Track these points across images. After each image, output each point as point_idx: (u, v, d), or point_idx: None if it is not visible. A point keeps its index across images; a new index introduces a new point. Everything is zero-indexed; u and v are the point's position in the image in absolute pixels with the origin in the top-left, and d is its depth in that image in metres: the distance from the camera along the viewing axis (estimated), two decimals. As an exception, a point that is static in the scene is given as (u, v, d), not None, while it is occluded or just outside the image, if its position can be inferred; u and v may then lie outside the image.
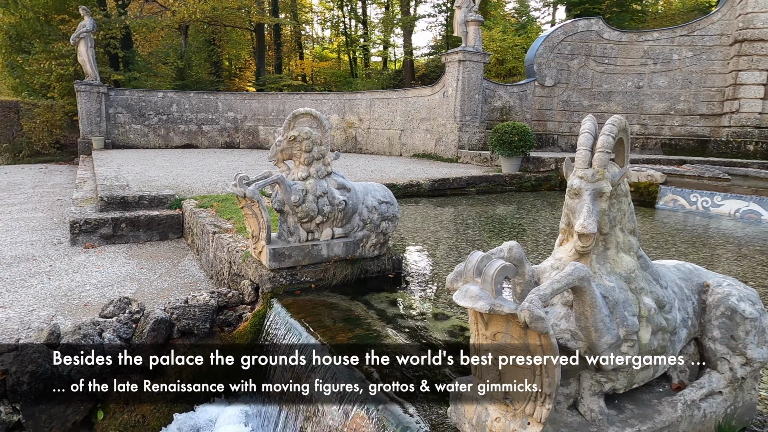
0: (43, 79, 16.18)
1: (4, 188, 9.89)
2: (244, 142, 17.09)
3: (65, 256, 5.36)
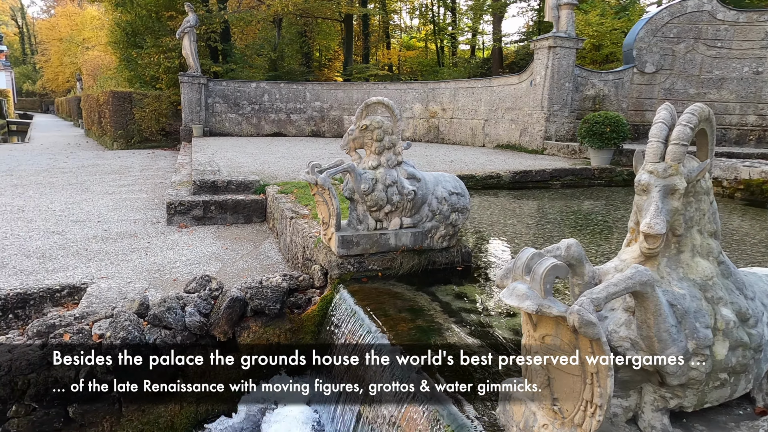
0: (152, 72, 17.68)
1: (117, 171, 10.98)
2: (329, 130, 17.58)
3: (161, 235, 5.86)
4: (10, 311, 3.91)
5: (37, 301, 4.00)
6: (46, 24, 58.39)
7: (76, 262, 4.85)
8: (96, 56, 36.13)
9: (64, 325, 3.14)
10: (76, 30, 46.58)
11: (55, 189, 8.65)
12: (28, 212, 6.81)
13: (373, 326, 2.88)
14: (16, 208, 7.01)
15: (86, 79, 36.41)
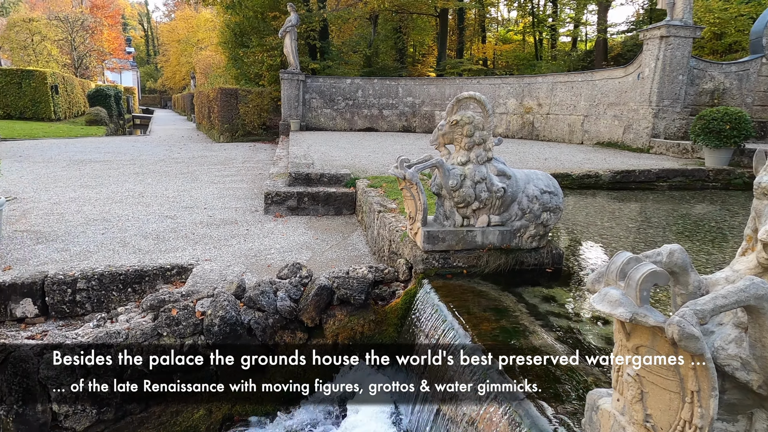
0: (256, 69, 18.81)
1: (222, 162, 11.83)
2: (420, 126, 17.62)
3: (259, 223, 6.23)
4: (129, 285, 4.38)
5: (151, 278, 4.44)
6: (166, 27, 64.23)
7: (184, 244, 5.31)
8: (208, 56, 39.12)
9: (172, 301, 3.46)
10: (192, 32, 50.73)
11: (170, 177, 9.52)
12: (147, 198, 7.57)
13: (455, 323, 2.86)
14: (137, 194, 7.82)
15: (199, 77, 39.62)
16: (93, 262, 4.67)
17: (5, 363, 3.12)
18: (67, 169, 10.49)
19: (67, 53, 39.86)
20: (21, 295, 4.21)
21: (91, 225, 5.95)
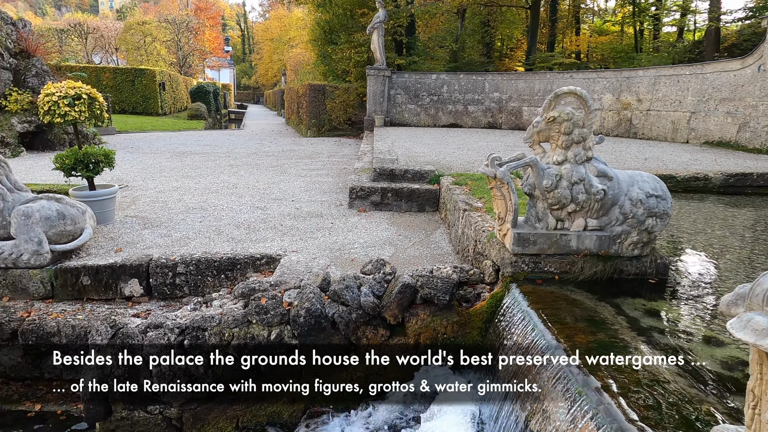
0: (344, 66, 19.20)
1: (309, 156, 12.20)
2: (506, 122, 17.08)
3: (343, 217, 6.33)
4: (222, 272, 4.62)
5: (242, 266, 4.64)
6: (261, 27, 67.55)
7: (273, 235, 5.51)
8: (298, 53, 40.62)
9: (261, 290, 3.58)
10: (284, 30, 52.91)
11: (260, 170, 9.96)
12: (240, 189, 7.96)
13: (547, 333, 2.69)
14: (231, 185, 8.26)
15: (289, 74, 41.29)
16: (191, 248, 4.97)
17: (115, 338, 3.39)
18: (171, 160, 11.32)
19: (174, 53, 43.19)
20: (129, 276, 4.58)
21: (191, 213, 6.36)
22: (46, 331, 4.12)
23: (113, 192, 5.85)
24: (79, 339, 4.08)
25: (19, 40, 12.37)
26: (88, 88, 5.45)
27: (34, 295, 4.53)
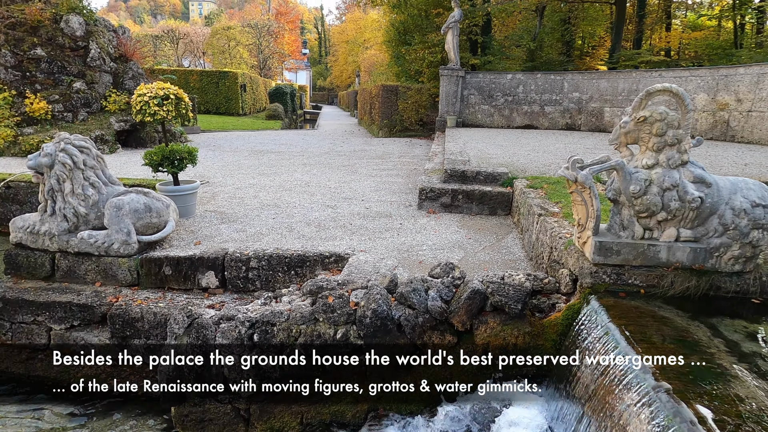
0: (417, 66, 19.15)
1: (380, 156, 12.26)
2: (585, 124, 16.26)
3: (412, 218, 6.26)
4: (292, 268, 4.70)
5: (311, 263, 4.70)
6: (337, 29, 69.13)
7: (342, 233, 5.55)
8: (372, 54, 41.14)
9: (329, 288, 3.59)
10: (359, 33, 53.79)
11: (332, 169, 10.13)
12: (312, 187, 8.13)
13: (631, 353, 2.47)
14: (303, 183, 8.45)
15: (363, 75, 41.92)
16: (264, 244, 5.11)
17: (190, 327, 3.53)
18: (249, 158, 11.81)
19: (255, 56, 45.24)
20: (206, 268, 4.78)
21: (265, 210, 6.56)
22: (131, 317, 4.39)
23: (195, 187, 6.15)
24: (159, 326, 4.31)
25: (119, 45, 13.42)
26: (175, 89, 5.77)
27: (122, 282, 4.85)
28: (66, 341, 4.55)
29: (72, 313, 4.53)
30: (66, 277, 4.93)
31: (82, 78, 12.44)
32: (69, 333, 4.55)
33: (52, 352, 4.60)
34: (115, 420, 3.89)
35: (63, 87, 12.05)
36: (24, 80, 11.64)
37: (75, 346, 4.54)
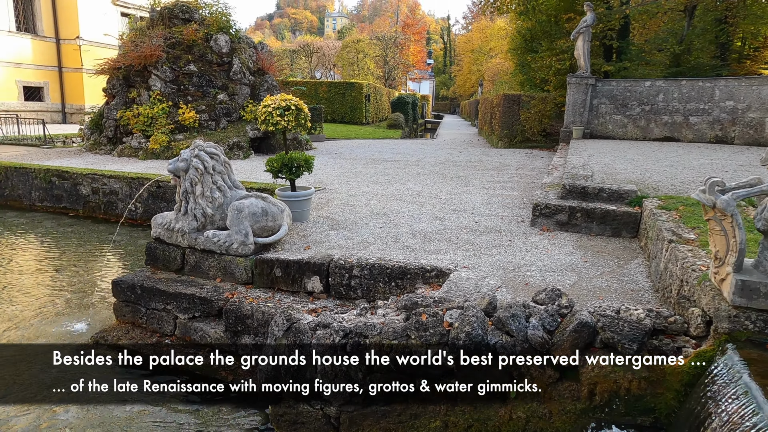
0: (543, 74, 18.28)
1: (496, 167, 11.88)
2: (740, 137, 14.20)
3: (523, 235, 5.92)
4: (393, 280, 4.68)
5: (412, 276, 4.64)
6: (463, 39, 68.96)
7: (447, 247, 5.41)
8: (497, 63, 40.30)
9: (424, 305, 3.49)
10: (485, 41, 53.07)
11: (445, 179, 10.02)
12: (422, 197, 8.10)
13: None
14: (414, 193, 8.45)
15: (486, 84, 41.24)
16: (368, 253, 5.17)
17: (289, 330, 3.66)
18: (366, 166, 12.16)
19: (381, 67, 46.83)
20: (312, 273, 4.95)
21: (374, 218, 6.66)
22: (243, 313, 4.69)
23: (309, 194, 6.44)
24: (265, 324, 4.55)
25: (258, 60, 14.69)
26: (296, 100, 6.11)
27: (238, 279, 5.22)
28: (188, 330, 5.01)
29: (194, 304, 4.96)
30: (193, 271, 5.44)
31: (225, 90, 13.80)
32: (191, 323, 4.99)
33: (176, 338, 5.09)
34: (221, 410, 4.16)
35: (209, 98, 13.48)
36: (178, 93, 13.23)
37: (194, 335, 4.98)
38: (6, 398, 4.18)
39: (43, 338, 5.22)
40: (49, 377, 4.52)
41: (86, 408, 4.10)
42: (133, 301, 5.27)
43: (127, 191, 10.13)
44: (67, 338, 5.25)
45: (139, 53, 12.73)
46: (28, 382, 4.44)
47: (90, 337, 5.22)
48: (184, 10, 14.05)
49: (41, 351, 4.96)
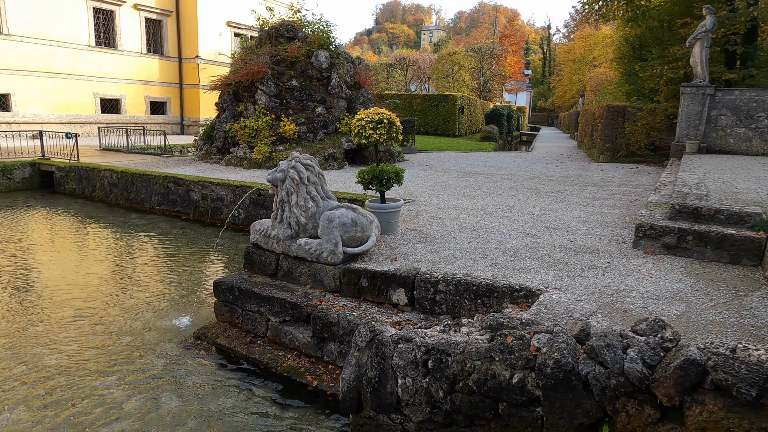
0: (652, 84, 16.97)
1: (596, 183, 11.20)
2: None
3: (623, 257, 5.50)
4: (479, 297, 4.56)
5: (499, 295, 4.49)
6: (564, 48, 66.32)
7: (538, 266, 5.17)
8: (600, 73, 38.20)
9: (510, 327, 3.35)
10: (588, 50, 50.59)
11: (539, 195, 9.63)
12: (514, 213, 7.84)
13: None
14: (506, 208, 8.21)
15: (588, 95, 39.21)
16: (454, 268, 5.09)
17: (371, 342, 3.69)
18: (457, 179, 12.05)
19: (476, 79, 46.36)
20: (397, 285, 4.97)
21: (462, 233, 6.55)
22: (329, 321, 4.82)
23: (398, 206, 6.50)
24: (350, 333, 4.63)
25: (354, 74, 15.20)
26: (389, 113, 6.21)
27: (327, 287, 5.38)
28: (278, 332, 5.24)
29: (285, 309, 5.19)
30: (285, 277, 5.70)
31: (323, 104, 14.42)
32: (281, 326, 5.22)
33: (267, 339, 5.35)
34: (306, 412, 4.29)
35: (308, 112, 14.16)
36: (281, 106, 14.05)
37: (284, 337, 5.20)
38: (119, 383, 4.64)
39: (154, 330, 5.74)
40: (159, 365, 4.96)
41: (187, 398, 4.43)
42: (231, 302, 5.63)
43: (231, 198, 10.91)
44: (173, 331, 5.73)
45: (247, 70, 13.73)
46: (140, 368, 4.90)
47: (193, 333, 5.65)
48: (289, 29, 14.95)
49: (153, 341, 5.47)
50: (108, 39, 25.16)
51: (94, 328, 5.75)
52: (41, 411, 4.18)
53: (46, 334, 5.60)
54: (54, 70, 22.92)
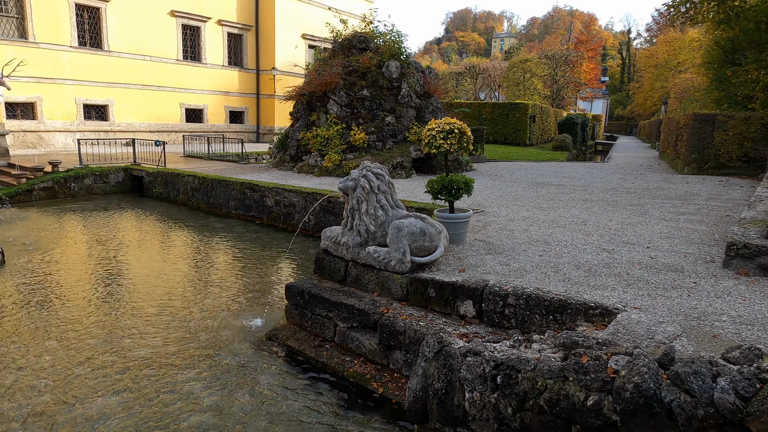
0: (747, 90, 15.69)
1: (680, 197, 10.49)
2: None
3: (712, 277, 5.11)
4: (551, 313, 4.41)
5: (573, 312, 4.32)
6: (645, 53, 62.86)
7: (615, 283, 4.92)
8: (686, 78, 35.83)
9: (585, 346, 3.21)
10: (672, 55, 47.68)
11: (617, 208, 9.16)
12: (589, 226, 7.51)
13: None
14: (580, 221, 7.89)
15: (671, 102, 36.86)
16: (525, 282, 4.95)
17: (439, 353, 3.67)
18: (527, 189, 11.74)
19: (549, 86, 44.99)
20: (465, 296, 4.91)
21: (533, 245, 6.37)
22: (396, 329, 4.85)
23: (467, 216, 6.43)
24: (416, 343, 4.63)
25: (424, 84, 15.26)
26: (460, 124, 6.18)
27: (394, 295, 5.42)
28: (345, 338, 5.34)
29: (353, 315, 5.28)
30: (354, 283, 5.80)
31: (393, 113, 14.58)
32: (349, 332, 5.32)
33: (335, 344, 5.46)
34: (371, 419, 4.33)
35: (378, 121, 14.37)
36: (351, 116, 14.36)
37: (351, 343, 5.28)
38: (198, 378, 4.92)
39: (229, 329, 6.03)
40: (234, 363, 5.20)
41: (258, 397, 4.61)
42: (301, 306, 5.81)
43: (303, 204, 11.28)
44: (246, 331, 6.00)
45: (320, 81, 14.19)
46: (216, 365, 5.17)
47: (265, 334, 5.88)
48: (361, 41, 15.29)
49: (228, 339, 5.75)
50: (194, 53, 26.94)
51: (176, 324, 6.14)
52: (129, 401, 4.51)
53: (135, 326, 6.04)
54: (145, 83, 24.85)
